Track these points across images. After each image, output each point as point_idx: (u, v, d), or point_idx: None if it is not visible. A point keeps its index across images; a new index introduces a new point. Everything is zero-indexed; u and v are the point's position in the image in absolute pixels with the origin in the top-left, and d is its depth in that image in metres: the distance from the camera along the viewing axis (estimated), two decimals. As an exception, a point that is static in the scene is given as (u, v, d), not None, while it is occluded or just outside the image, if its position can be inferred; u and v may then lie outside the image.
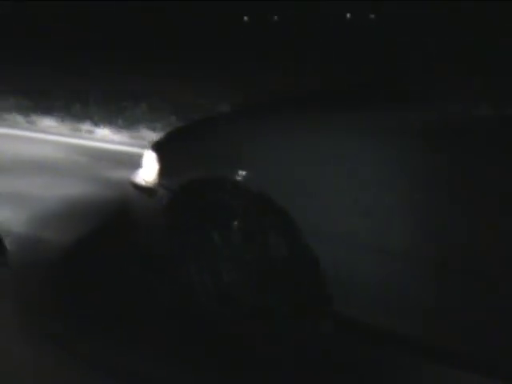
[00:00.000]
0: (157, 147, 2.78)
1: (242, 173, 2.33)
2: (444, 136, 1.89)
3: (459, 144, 1.87)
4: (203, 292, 2.58)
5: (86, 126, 7.34)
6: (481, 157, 1.84)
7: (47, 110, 8.02)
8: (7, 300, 2.90)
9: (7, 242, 3.07)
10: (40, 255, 3.38)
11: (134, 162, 3.08)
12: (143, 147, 2.84)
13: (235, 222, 2.43)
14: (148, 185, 2.72)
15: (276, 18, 15.55)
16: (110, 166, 5.28)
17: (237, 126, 2.57)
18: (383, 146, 2.00)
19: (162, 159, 2.68)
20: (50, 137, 6.96)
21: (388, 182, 1.99)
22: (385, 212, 1.99)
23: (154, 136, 5.61)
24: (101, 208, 4.24)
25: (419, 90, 2.18)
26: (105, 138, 6.86)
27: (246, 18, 15.81)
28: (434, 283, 1.97)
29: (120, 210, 3.74)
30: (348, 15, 14.76)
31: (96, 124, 7.33)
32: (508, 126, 1.83)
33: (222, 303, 2.55)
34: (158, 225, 2.66)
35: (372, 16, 14.27)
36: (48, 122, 7.78)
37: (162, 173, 2.65)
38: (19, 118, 8.13)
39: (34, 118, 7.90)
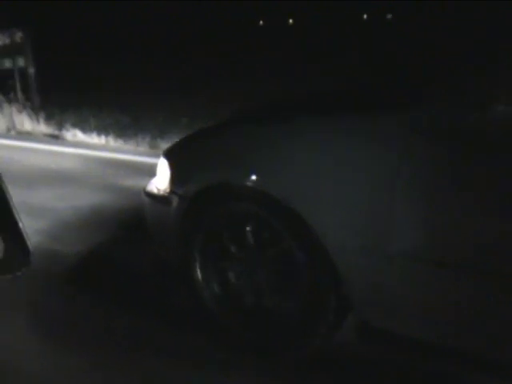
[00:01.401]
0: (168, 154, 2.76)
1: (255, 178, 2.30)
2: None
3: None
4: (215, 298, 2.57)
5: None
6: None
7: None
8: (20, 309, 2.94)
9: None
10: (52, 266, 3.40)
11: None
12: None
13: (249, 228, 2.40)
14: (161, 193, 2.71)
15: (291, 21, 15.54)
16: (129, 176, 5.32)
17: (250, 130, 2.55)
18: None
19: (173, 166, 2.66)
20: (67, 149, 7.09)
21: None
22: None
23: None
24: (116, 218, 4.25)
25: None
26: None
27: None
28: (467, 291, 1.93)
29: (135, 219, 3.76)
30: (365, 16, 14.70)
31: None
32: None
33: (235, 310, 2.53)
34: (172, 233, 2.64)
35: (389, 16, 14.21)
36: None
37: (174, 180, 2.63)
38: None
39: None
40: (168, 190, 2.65)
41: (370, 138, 2.04)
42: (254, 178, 2.30)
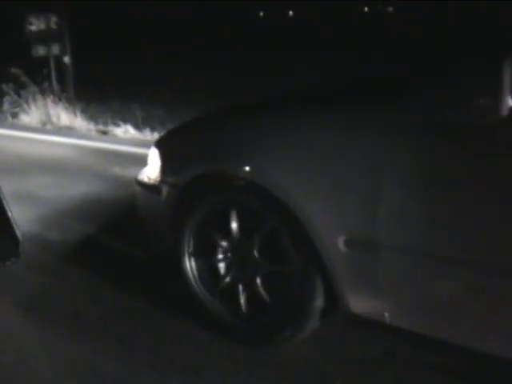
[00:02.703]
0: (159, 144, 2.79)
1: (245, 168, 2.32)
2: None
3: None
4: (203, 286, 2.60)
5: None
6: None
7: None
8: (10, 296, 2.98)
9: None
10: (44, 253, 3.46)
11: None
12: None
13: (238, 217, 2.43)
14: (152, 182, 2.73)
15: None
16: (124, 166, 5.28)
17: (241, 121, 2.56)
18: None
19: (164, 156, 2.69)
20: (61, 138, 7.00)
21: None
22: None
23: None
24: (109, 206, 4.28)
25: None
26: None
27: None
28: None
29: (128, 207, 3.79)
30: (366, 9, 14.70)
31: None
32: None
33: (222, 299, 2.56)
34: (161, 221, 2.67)
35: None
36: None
37: (165, 170, 2.66)
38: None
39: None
40: (158, 179, 2.68)
41: (358, 131, 2.07)
42: (243, 168, 2.32)
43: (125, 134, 7.01)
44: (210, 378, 2.31)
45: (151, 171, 2.75)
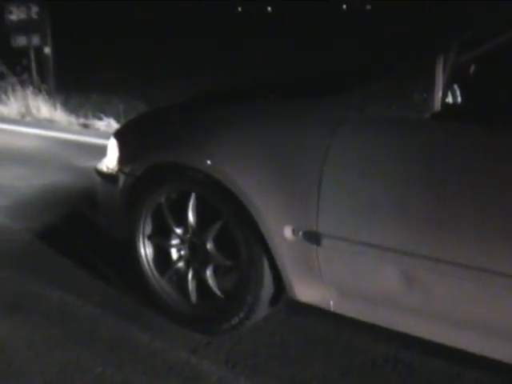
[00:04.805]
0: (118, 134, 2.84)
1: (197, 158, 2.36)
2: None
3: None
4: (156, 270, 2.66)
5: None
6: None
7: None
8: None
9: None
10: (12, 242, 3.50)
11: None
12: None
13: (190, 206, 2.47)
14: (110, 171, 2.78)
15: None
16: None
17: (198, 112, 2.61)
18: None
19: (122, 146, 2.74)
20: (41, 131, 6.97)
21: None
22: None
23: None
24: (73, 196, 4.32)
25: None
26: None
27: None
28: None
29: (88, 196, 3.83)
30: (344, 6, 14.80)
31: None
32: None
33: (178, 289, 2.61)
34: (118, 210, 2.72)
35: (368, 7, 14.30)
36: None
37: (122, 159, 2.70)
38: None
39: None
40: (116, 169, 2.73)
41: (300, 124, 2.14)
42: (196, 158, 2.36)
43: (107, 128, 6.93)
44: (206, 381, 2.28)
45: (109, 161, 2.80)
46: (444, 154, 1.83)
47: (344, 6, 14.28)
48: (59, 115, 7.77)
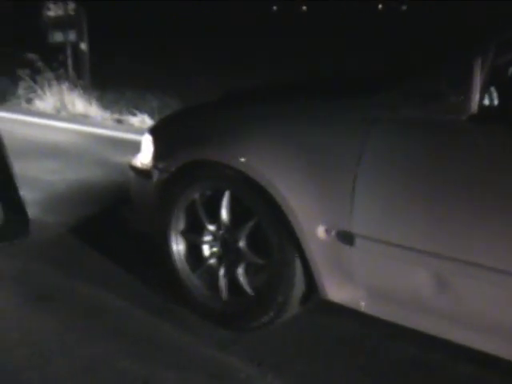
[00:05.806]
0: (153, 131, 2.87)
1: (231, 157, 2.38)
2: None
3: None
4: (188, 265, 2.68)
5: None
6: None
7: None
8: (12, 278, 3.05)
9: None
10: (44, 235, 3.54)
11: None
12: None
13: (224, 204, 2.48)
14: (144, 167, 2.81)
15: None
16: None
17: (232, 110, 2.63)
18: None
19: (157, 142, 2.76)
20: (76, 126, 7.05)
21: None
22: None
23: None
24: (105, 191, 4.37)
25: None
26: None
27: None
28: None
29: (120, 192, 3.86)
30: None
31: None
32: None
33: (209, 285, 2.63)
34: (151, 205, 2.74)
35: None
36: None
37: (157, 155, 2.73)
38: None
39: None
40: (150, 165, 2.75)
41: (335, 124, 2.15)
42: (232, 156, 2.38)
43: (141, 124, 6.99)
44: (234, 379, 2.27)
45: (144, 157, 2.83)
46: (481, 156, 1.82)
47: (380, 6, 14.19)
48: (94, 110, 7.86)
